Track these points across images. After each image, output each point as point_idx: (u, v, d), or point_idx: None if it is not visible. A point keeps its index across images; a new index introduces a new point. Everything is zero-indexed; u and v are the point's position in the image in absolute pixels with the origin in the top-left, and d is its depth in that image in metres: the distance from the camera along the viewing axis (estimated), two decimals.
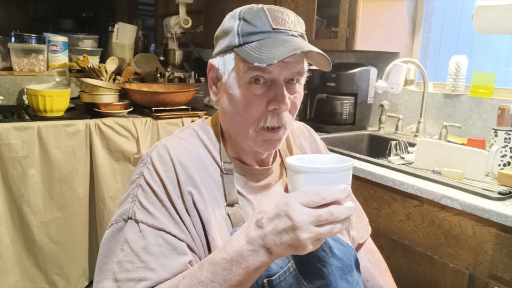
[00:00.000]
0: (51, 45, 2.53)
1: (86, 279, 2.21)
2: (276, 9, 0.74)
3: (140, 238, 0.71)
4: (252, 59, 0.68)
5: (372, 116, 2.22)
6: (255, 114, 0.74)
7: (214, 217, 0.75)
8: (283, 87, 0.73)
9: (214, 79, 0.81)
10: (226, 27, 0.76)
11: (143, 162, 0.79)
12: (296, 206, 0.58)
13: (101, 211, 2.15)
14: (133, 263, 0.69)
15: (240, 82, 0.74)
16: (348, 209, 0.59)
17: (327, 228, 0.58)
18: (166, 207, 0.73)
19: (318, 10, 2.14)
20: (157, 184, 0.75)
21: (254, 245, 0.61)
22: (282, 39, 0.71)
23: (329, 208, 0.58)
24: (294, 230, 0.57)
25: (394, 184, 1.36)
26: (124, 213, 0.75)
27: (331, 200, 0.58)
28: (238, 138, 0.79)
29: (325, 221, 0.57)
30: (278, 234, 0.59)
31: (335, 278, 0.80)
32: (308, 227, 0.57)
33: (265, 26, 0.72)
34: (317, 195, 0.58)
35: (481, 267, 1.16)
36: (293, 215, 0.57)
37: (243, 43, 0.72)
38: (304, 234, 0.57)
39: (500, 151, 1.37)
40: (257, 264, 0.61)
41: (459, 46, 2.08)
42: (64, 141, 2.04)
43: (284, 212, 0.58)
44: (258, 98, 0.73)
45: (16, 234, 2.00)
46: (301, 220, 0.57)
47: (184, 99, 2.45)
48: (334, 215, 0.57)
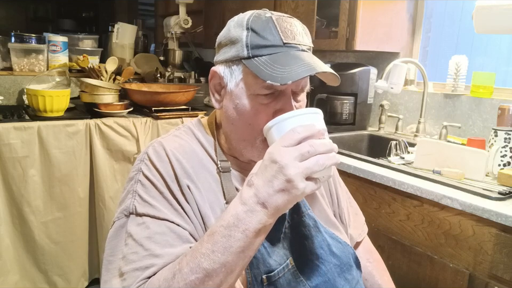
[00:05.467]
0: (51, 45, 2.53)
1: (86, 280, 2.20)
2: (284, 20, 0.74)
3: (144, 229, 0.71)
4: (264, 76, 0.69)
5: (372, 116, 2.22)
6: (262, 124, 0.74)
7: (212, 212, 0.76)
8: (291, 98, 0.75)
9: (216, 85, 0.80)
10: (233, 36, 0.75)
11: (139, 159, 0.79)
12: (277, 149, 0.60)
13: (101, 211, 2.15)
14: (137, 253, 0.69)
15: (248, 93, 0.74)
16: (327, 143, 0.62)
17: (312, 160, 0.59)
18: (167, 199, 0.74)
19: (318, 10, 2.14)
20: (156, 178, 0.75)
21: (249, 204, 0.61)
22: (294, 55, 0.72)
23: (307, 141, 0.60)
24: (281, 170, 0.59)
25: (394, 184, 1.36)
26: (125, 209, 0.75)
27: (307, 135, 0.61)
28: (242, 145, 0.79)
29: (306, 153, 0.59)
30: (269, 183, 0.60)
31: (333, 276, 0.81)
32: (293, 163, 0.59)
33: (275, 40, 0.72)
34: (293, 132, 0.61)
35: (481, 267, 1.16)
36: (277, 157, 0.59)
37: (252, 56, 0.72)
38: (291, 170, 0.58)
39: (500, 151, 1.37)
40: (256, 225, 0.60)
41: (459, 46, 2.08)
42: (64, 141, 2.04)
43: (268, 160, 0.61)
44: (265, 108, 0.74)
45: (16, 235, 2.00)
46: (285, 158, 0.59)
47: (184, 99, 2.45)
48: (314, 147, 0.60)
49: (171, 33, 3.11)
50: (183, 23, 3.04)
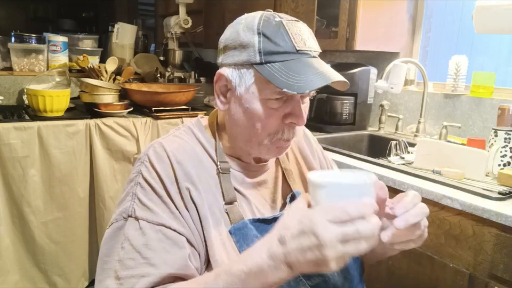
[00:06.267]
0: (51, 45, 2.53)
1: (86, 280, 2.21)
2: (293, 24, 0.75)
3: (141, 235, 0.71)
4: (279, 83, 0.70)
5: (372, 116, 2.22)
6: (272, 127, 0.76)
7: (211, 213, 0.76)
8: (300, 103, 0.76)
9: (222, 88, 0.80)
10: (243, 40, 0.75)
11: (140, 161, 0.79)
12: (321, 222, 0.56)
13: (101, 211, 2.15)
14: (134, 260, 0.70)
15: (259, 98, 0.75)
16: (375, 226, 0.56)
17: (353, 245, 0.55)
18: (165, 203, 0.74)
19: (318, 10, 2.14)
20: (155, 181, 0.75)
21: (276, 261, 0.59)
22: (306, 62, 0.74)
23: (355, 225, 0.55)
24: (319, 247, 0.55)
25: (394, 184, 1.36)
26: (124, 211, 0.75)
27: (357, 216, 0.56)
28: (249, 145, 0.80)
29: (351, 238, 0.55)
30: (302, 252, 0.57)
31: (332, 275, 0.81)
32: (333, 244, 0.55)
33: (288, 46, 0.73)
34: (343, 211, 0.55)
35: (481, 267, 1.16)
36: (319, 232, 0.55)
37: (265, 62, 0.73)
38: (329, 252, 0.55)
39: (500, 151, 1.37)
40: (276, 279, 0.60)
41: (459, 46, 2.08)
42: (64, 141, 2.04)
43: (308, 228, 0.56)
44: (275, 112, 0.76)
45: (16, 235, 2.00)
46: (327, 237, 0.55)
47: (184, 99, 2.45)
48: (360, 233, 0.55)
49: (171, 33, 3.11)
50: (183, 23, 3.04)
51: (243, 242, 0.76)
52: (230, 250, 0.75)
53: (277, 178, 0.89)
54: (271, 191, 0.87)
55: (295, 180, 0.91)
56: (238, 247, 0.75)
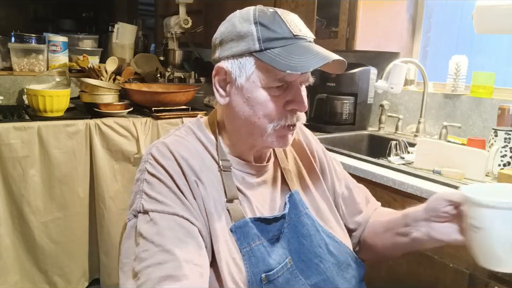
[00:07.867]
0: (51, 45, 2.53)
1: (86, 280, 2.20)
2: (287, 14, 0.77)
3: (152, 226, 0.71)
4: (281, 66, 0.71)
5: (372, 116, 2.22)
6: (274, 114, 0.77)
7: (215, 210, 0.77)
8: (300, 89, 0.78)
9: (221, 81, 0.81)
10: (241, 30, 0.76)
11: (144, 160, 0.79)
12: None
13: (101, 211, 2.15)
14: (148, 250, 0.69)
15: (261, 86, 0.76)
16: None
17: None
18: (175, 193, 0.74)
19: (318, 10, 2.14)
20: (162, 175, 0.75)
21: None
22: (305, 46, 0.75)
23: None
24: None
25: (394, 184, 1.36)
26: (134, 209, 0.76)
27: None
28: (252, 138, 0.80)
29: None
30: None
31: (332, 274, 0.81)
32: None
33: (285, 32, 0.75)
34: None
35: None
36: None
37: (265, 48, 0.74)
38: None
39: (500, 151, 1.37)
40: None
41: (459, 46, 2.08)
42: (64, 141, 2.04)
43: None
44: (277, 99, 0.76)
45: (16, 235, 2.00)
46: None
47: (184, 99, 2.45)
48: None
49: (171, 33, 3.10)
50: (183, 23, 3.04)
51: (244, 240, 0.76)
52: (231, 248, 0.75)
53: (276, 178, 0.89)
54: (270, 191, 0.87)
55: (293, 179, 0.91)
56: (239, 245, 0.76)
